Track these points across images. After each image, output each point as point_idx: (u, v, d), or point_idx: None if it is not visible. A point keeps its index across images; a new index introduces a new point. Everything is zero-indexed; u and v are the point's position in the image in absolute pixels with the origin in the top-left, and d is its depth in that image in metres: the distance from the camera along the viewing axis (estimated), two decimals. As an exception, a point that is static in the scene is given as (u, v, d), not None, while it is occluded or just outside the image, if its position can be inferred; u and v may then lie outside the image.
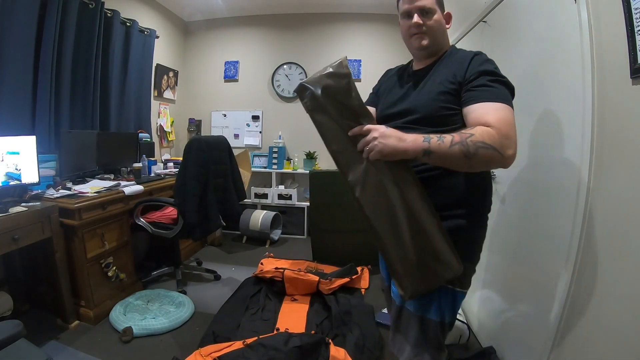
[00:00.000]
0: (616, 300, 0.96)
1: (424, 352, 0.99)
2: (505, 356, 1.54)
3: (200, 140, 2.25)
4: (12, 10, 1.98)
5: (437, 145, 0.79)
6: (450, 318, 1.00)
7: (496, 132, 0.78)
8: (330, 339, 1.65)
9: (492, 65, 0.91)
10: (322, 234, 2.85)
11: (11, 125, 2.01)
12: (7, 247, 1.56)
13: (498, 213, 1.70)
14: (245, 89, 3.95)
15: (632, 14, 0.90)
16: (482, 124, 0.81)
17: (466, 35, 2.13)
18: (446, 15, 1.03)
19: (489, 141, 0.77)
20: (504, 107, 0.84)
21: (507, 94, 0.87)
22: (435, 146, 0.79)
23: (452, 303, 0.98)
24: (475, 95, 0.87)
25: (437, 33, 1.00)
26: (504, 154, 0.78)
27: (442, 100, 0.93)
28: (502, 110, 0.83)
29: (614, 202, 0.99)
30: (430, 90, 0.96)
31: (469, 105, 0.88)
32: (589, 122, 1.06)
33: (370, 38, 3.71)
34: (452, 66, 0.95)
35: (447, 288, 0.96)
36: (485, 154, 0.77)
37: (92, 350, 1.71)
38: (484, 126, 0.80)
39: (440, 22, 1.00)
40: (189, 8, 3.74)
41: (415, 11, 0.98)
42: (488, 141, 0.77)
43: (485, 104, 0.85)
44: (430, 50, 1.02)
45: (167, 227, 2.28)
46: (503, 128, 0.79)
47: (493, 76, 0.88)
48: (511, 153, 0.79)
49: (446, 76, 0.94)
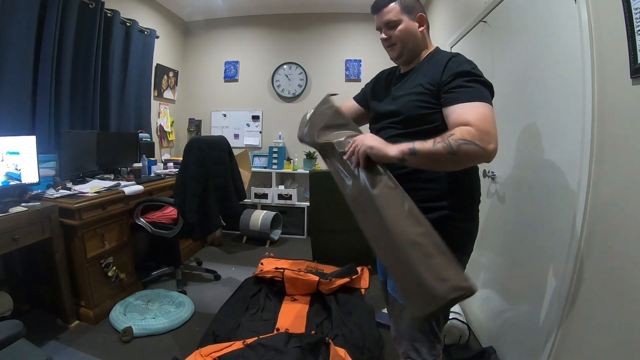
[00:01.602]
0: (616, 300, 0.96)
1: (420, 343, 1.02)
2: (505, 356, 1.54)
3: (200, 140, 2.25)
4: (12, 10, 1.98)
5: (421, 144, 0.84)
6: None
7: (475, 129, 0.83)
8: (331, 339, 1.65)
9: (469, 66, 0.94)
10: (322, 234, 2.85)
11: (11, 125, 2.01)
12: (7, 247, 1.56)
13: (498, 213, 1.70)
14: (245, 89, 3.95)
15: (632, 14, 0.90)
16: (462, 123, 0.85)
17: (466, 35, 2.13)
18: (418, 18, 1.05)
19: (470, 138, 0.81)
20: (482, 105, 0.88)
21: (485, 92, 0.91)
22: (420, 146, 0.84)
23: None
24: (454, 97, 0.91)
25: (406, 41, 1.04)
26: (485, 148, 0.82)
27: (419, 101, 0.98)
28: (480, 108, 0.87)
29: (614, 202, 0.99)
30: (410, 93, 1.01)
31: (448, 107, 0.91)
32: (589, 122, 1.06)
33: (370, 38, 3.70)
34: (430, 69, 1.00)
35: None
36: (468, 149, 0.81)
37: (92, 350, 1.71)
38: (464, 126, 0.84)
39: (409, 30, 1.04)
40: (189, 8, 3.74)
41: (382, 26, 1.06)
42: (469, 138, 0.81)
43: (463, 104, 0.89)
44: (405, 58, 1.08)
45: (167, 227, 2.28)
46: (482, 125, 0.83)
47: (470, 76, 0.91)
48: (492, 147, 0.83)
49: (423, 79, 0.99)
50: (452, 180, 0.99)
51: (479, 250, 1.95)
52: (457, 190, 0.99)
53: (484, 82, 0.92)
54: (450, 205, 0.98)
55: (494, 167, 1.73)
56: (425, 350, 1.02)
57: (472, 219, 1.04)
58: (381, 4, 1.05)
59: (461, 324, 1.75)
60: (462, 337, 1.75)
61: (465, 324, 1.76)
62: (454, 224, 0.97)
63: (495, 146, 0.83)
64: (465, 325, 1.76)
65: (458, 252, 0.92)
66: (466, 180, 1.02)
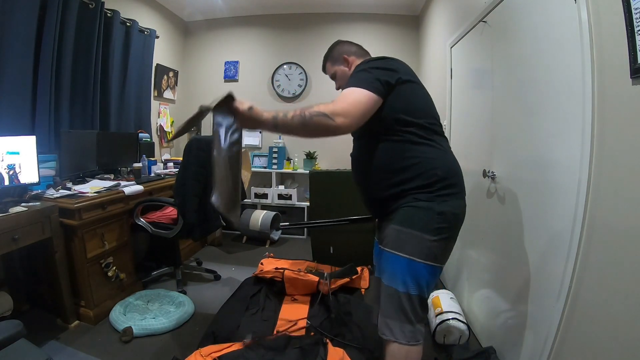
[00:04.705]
0: (616, 300, 0.96)
1: (393, 322, 1.07)
2: (505, 356, 1.54)
3: (200, 140, 2.25)
4: (12, 10, 1.98)
5: (283, 119, 0.96)
6: (417, 291, 1.05)
7: (333, 104, 0.97)
8: (329, 339, 1.65)
9: (356, 69, 1.15)
10: (322, 234, 2.85)
11: (11, 125, 2.01)
12: (7, 247, 1.56)
13: (498, 213, 1.70)
14: (245, 89, 3.95)
15: (632, 14, 0.90)
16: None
17: (466, 35, 2.13)
18: (343, 61, 1.33)
19: (324, 110, 0.94)
20: (352, 89, 1.02)
21: (361, 79, 1.04)
22: (281, 116, 0.96)
23: (413, 274, 1.05)
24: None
25: (342, 84, 1.31)
26: (334, 119, 0.94)
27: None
28: (348, 91, 1.02)
29: (614, 202, 0.99)
30: None
31: None
32: (589, 122, 1.06)
33: (370, 38, 3.69)
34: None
35: (403, 257, 1.05)
36: (318, 120, 0.94)
37: (92, 350, 1.71)
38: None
39: (342, 74, 1.33)
40: (189, 8, 3.74)
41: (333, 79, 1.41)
42: (323, 110, 0.94)
43: (342, 92, 1.06)
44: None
45: (167, 227, 2.28)
46: (340, 101, 0.99)
47: (354, 72, 1.13)
48: (341, 120, 0.95)
49: None
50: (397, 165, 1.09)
51: (479, 250, 1.95)
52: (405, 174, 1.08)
53: (363, 70, 1.09)
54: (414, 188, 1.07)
55: (494, 167, 1.73)
56: (398, 329, 1.06)
57: (430, 199, 1.06)
58: (324, 67, 1.43)
59: (461, 324, 1.75)
60: (462, 337, 1.75)
61: (465, 324, 1.76)
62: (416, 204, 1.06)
63: (345, 120, 0.95)
64: (465, 325, 1.76)
65: (423, 231, 1.03)
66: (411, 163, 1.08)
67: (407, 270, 1.05)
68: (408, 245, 1.05)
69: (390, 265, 1.09)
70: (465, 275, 2.15)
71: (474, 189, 1.89)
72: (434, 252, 1.05)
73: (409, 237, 1.05)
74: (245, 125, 0.99)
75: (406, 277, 1.05)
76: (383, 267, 1.14)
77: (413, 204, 1.06)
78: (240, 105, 0.96)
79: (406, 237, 1.05)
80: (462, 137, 2.26)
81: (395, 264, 1.07)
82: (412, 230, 1.05)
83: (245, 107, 0.95)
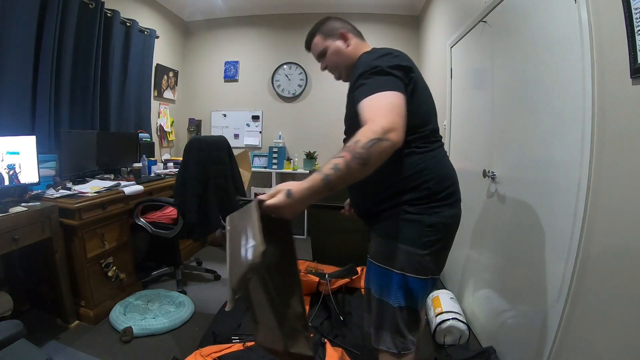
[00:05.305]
0: (616, 300, 0.96)
1: (385, 333, 1.05)
2: (505, 356, 1.54)
3: (200, 140, 2.25)
4: (12, 10, 1.98)
5: (336, 175, 0.79)
6: (409, 303, 1.02)
7: (373, 124, 0.81)
8: (327, 340, 1.65)
9: (367, 66, 0.95)
10: (322, 234, 2.85)
11: (11, 125, 2.01)
12: (7, 247, 1.56)
13: (498, 213, 1.70)
14: (245, 89, 3.95)
15: (632, 14, 0.90)
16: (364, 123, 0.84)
17: (466, 35, 2.13)
18: (340, 36, 1.16)
19: (370, 135, 0.79)
20: (376, 96, 0.87)
21: (382, 82, 0.91)
22: (335, 177, 0.79)
23: (405, 288, 1.01)
24: (355, 97, 0.93)
25: (338, 62, 1.17)
26: (389, 138, 0.80)
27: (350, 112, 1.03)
28: (374, 101, 0.87)
29: (614, 202, 0.99)
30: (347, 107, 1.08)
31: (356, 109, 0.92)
32: (589, 122, 1.06)
33: (370, 38, 3.66)
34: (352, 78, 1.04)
35: (396, 273, 1.01)
36: (376, 149, 0.78)
37: (92, 350, 1.71)
38: (364, 126, 0.83)
39: (337, 50, 1.16)
40: (189, 8, 3.73)
41: (317, 59, 1.21)
42: (370, 135, 0.79)
43: (361, 102, 0.89)
44: (345, 76, 1.18)
45: (167, 227, 2.28)
46: (376, 118, 0.83)
47: (367, 72, 0.93)
48: (394, 136, 0.80)
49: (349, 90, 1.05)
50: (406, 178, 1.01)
51: (479, 250, 1.95)
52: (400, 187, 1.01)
53: (378, 71, 0.93)
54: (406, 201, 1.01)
55: (494, 167, 1.73)
56: (389, 340, 1.05)
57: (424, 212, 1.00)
58: (308, 40, 1.21)
59: (461, 324, 1.75)
60: (462, 337, 1.75)
61: (465, 324, 1.76)
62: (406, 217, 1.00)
63: (397, 134, 0.81)
64: (465, 325, 1.76)
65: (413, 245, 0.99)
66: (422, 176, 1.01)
67: (398, 285, 1.01)
68: (398, 259, 1.01)
69: (380, 278, 1.05)
70: (465, 275, 2.15)
71: (474, 189, 1.89)
72: (425, 265, 1.01)
73: (398, 250, 1.01)
74: (290, 215, 0.86)
75: (397, 291, 1.02)
76: (372, 278, 1.09)
77: (403, 216, 1.01)
78: (271, 198, 0.83)
79: (396, 251, 1.02)
80: (462, 137, 2.27)
81: (386, 277, 1.03)
82: (401, 244, 1.01)
83: (281, 198, 0.82)
